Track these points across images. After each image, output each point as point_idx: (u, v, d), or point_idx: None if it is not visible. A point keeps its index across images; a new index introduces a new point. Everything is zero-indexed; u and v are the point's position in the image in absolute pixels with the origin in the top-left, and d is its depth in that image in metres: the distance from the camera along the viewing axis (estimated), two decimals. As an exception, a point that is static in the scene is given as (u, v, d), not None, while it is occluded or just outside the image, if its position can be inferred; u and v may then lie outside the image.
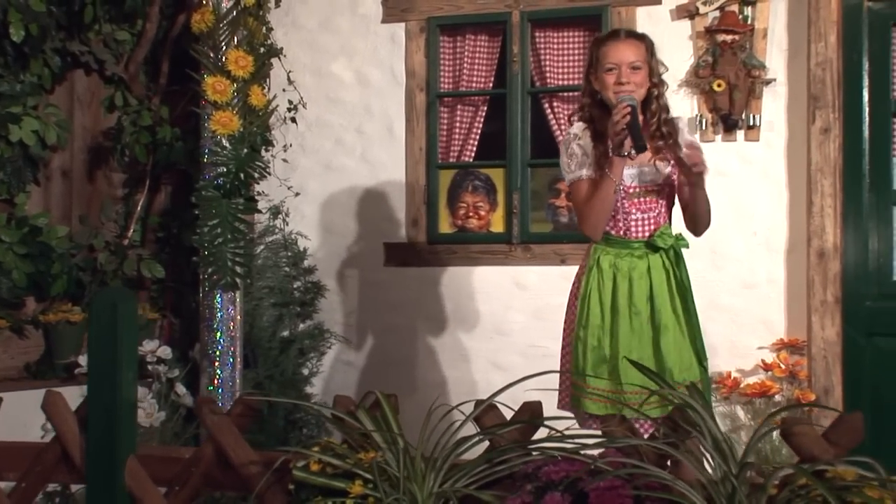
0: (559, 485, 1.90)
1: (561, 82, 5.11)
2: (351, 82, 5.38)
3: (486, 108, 5.24)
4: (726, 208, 4.80)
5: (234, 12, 4.39)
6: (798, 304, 4.67)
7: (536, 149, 5.09)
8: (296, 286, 5.28)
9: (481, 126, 5.25)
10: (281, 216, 5.23)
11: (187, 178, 4.87)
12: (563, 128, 5.00)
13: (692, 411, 1.92)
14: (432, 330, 5.22)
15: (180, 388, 4.54)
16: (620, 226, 3.47)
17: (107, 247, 4.75)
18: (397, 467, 1.99)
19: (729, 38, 4.73)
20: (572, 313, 3.50)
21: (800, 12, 4.67)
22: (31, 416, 2.94)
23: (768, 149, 4.75)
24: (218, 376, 4.43)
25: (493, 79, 5.24)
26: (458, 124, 5.27)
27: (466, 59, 5.24)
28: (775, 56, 4.74)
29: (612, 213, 3.46)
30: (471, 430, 2.11)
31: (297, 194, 5.27)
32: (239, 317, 4.50)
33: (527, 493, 1.91)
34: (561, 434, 2.00)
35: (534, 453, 2.06)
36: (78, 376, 4.19)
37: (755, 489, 1.85)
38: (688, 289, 3.48)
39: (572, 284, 3.58)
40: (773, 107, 4.74)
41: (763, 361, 4.63)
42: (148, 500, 2.28)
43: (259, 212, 4.80)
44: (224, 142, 4.36)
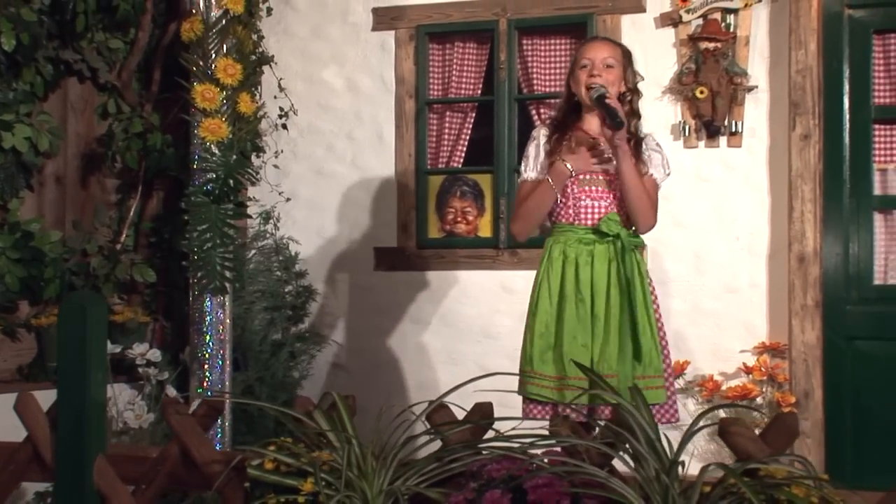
0: (500, 482, 1.97)
1: (547, 89, 5.18)
2: (342, 89, 5.47)
3: (474, 115, 5.32)
4: (709, 214, 4.89)
5: (223, 21, 4.43)
6: (780, 307, 4.73)
7: (523, 155, 5.15)
8: (287, 290, 5.36)
9: (470, 132, 5.33)
10: (272, 221, 5.31)
11: (179, 184, 4.95)
12: (550, 134, 5.11)
13: (626, 412, 1.99)
14: (421, 333, 5.30)
15: (170, 391, 4.62)
16: (570, 212, 3.56)
17: (100, 251, 4.84)
18: (348, 466, 2.06)
19: (711, 45, 4.80)
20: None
21: (781, 20, 4.73)
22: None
23: (750, 155, 4.82)
24: (207, 378, 4.49)
25: (481, 86, 5.32)
26: (446, 131, 5.35)
27: (455, 67, 5.32)
28: (757, 63, 4.80)
29: (563, 200, 3.54)
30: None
31: (289, 199, 5.35)
32: (228, 320, 4.56)
33: (470, 491, 1.99)
34: (502, 434, 2.06)
35: (484, 452, 2.14)
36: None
37: (689, 487, 1.92)
38: (634, 285, 3.49)
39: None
40: (755, 113, 4.80)
41: (745, 364, 4.70)
42: (116, 498, 2.36)
43: (249, 217, 4.88)
44: (213, 148, 4.41)
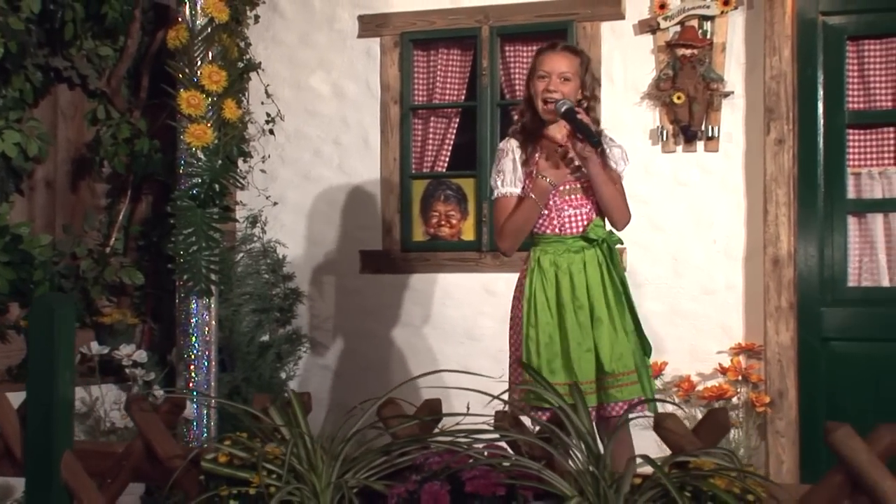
0: (440, 474, 2.06)
1: (529, 95, 5.27)
2: (328, 95, 5.56)
3: (458, 120, 5.42)
4: (687, 217, 4.97)
5: (209, 29, 4.53)
6: (755, 309, 4.81)
7: (505, 159, 5.25)
8: (275, 292, 5.46)
9: (453, 137, 5.42)
10: (259, 225, 5.41)
11: (167, 188, 5.04)
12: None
13: (561, 411, 2.08)
14: (406, 335, 5.39)
15: (157, 391, 4.71)
16: (555, 223, 3.66)
17: (89, 254, 4.93)
18: (298, 460, 2.15)
19: (688, 52, 4.88)
20: (517, 316, 3.67)
21: (757, 27, 4.81)
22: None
23: (727, 159, 4.90)
24: (193, 379, 4.59)
25: (464, 91, 5.41)
26: (431, 135, 5.44)
27: (439, 73, 5.41)
28: (733, 69, 4.88)
29: (546, 213, 3.64)
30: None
31: (276, 203, 5.45)
32: (214, 322, 4.66)
33: (412, 483, 2.08)
34: (440, 430, 2.15)
35: (432, 446, 2.23)
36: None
37: (619, 479, 2.01)
38: (624, 282, 3.65)
39: (515, 289, 3.76)
40: (732, 118, 4.88)
41: (721, 365, 4.78)
42: (83, 492, 2.45)
43: (235, 220, 4.98)
44: (199, 153, 4.50)
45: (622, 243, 3.82)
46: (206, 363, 4.62)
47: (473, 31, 5.29)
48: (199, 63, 4.51)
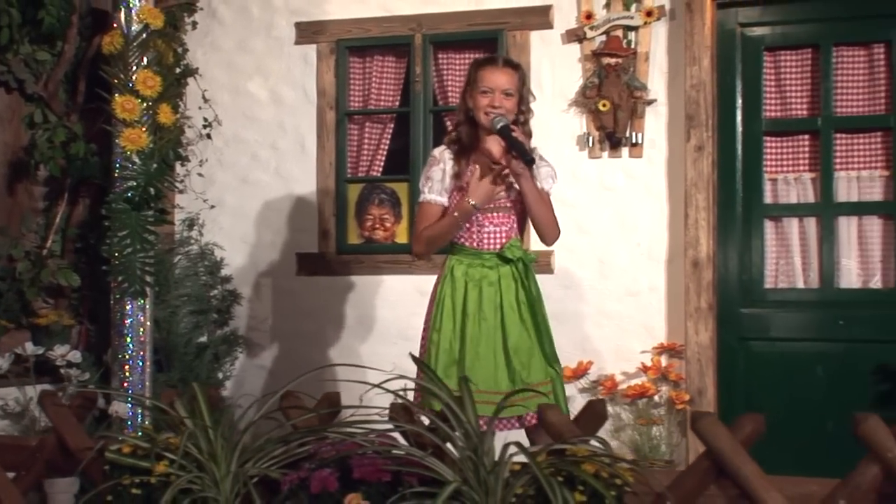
0: (331, 462, 2.19)
1: (461, 101, 5.41)
2: (266, 100, 5.67)
3: (392, 126, 5.54)
4: (612, 221, 5.12)
5: (144, 35, 4.60)
6: (677, 310, 4.97)
7: (438, 164, 5.38)
8: (213, 294, 5.56)
9: (388, 142, 5.54)
10: (197, 227, 5.50)
11: (104, 191, 5.12)
12: (464, 144, 5.34)
13: (448, 408, 2.21)
14: (341, 335, 5.50)
15: (110, 392, 4.78)
16: (474, 238, 3.77)
17: (26, 256, 5.00)
18: (199, 450, 2.27)
19: (613, 61, 5.04)
20: (429, 319, 3.80)
21: (678, 38, 4.97)
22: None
23: (650, 165, 5.05)
24: (127, 379, 4.67)
25: (399, 98, 5.54)
26: (366, 140, 5.56)
27: (374, 79, 5.54)
28: (656, 78, 5.04)
29: (468, 225, 3.76)
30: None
31: (213, 207, 5.55)
32: (149, 323, 4.73)
33: (305, 470, 2.20)
34: (330, 423, 2.27)
35: (331, 437, 2.35)
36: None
37: (497, 466, 2.14)
38: (536, 299, 3.77)
39: (431, 292, 3.88)
40: (655, 126, 5.04)
41: (643, 364, 4.93)
42: (-2, 482, 2.55)
43: (170, 223, 5.07)
44: (134, 157, 4.58)
45: (535, 260, 3.95)
46: (140, 363, 4.69)
47: (407, 39, 5.41)
48: (134, 68, 4.58)
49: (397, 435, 2.27)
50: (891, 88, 4.85)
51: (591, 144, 5.09)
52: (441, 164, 3.88)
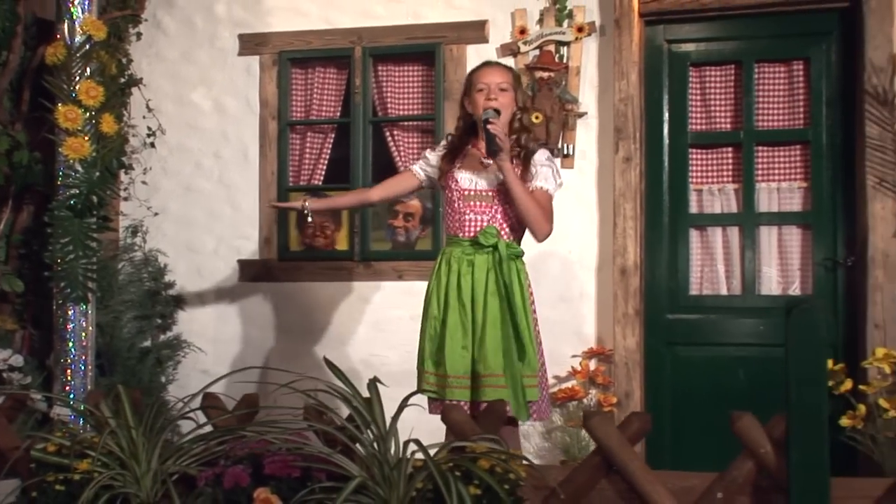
0: (245, 459, 2.33)
1: (400, 112, 5.57)
2: (209, 110, 5.79)
3: (333, 136, 5.68)
4: (545, 229, 5.28)
5: (87, 46, 4.70)
6: (606, 316, 5.15)
7: (377, 174, 5.52)
8: (156, 299, 5.66)
9: (329, 152, 5.68)
10: (140, 234, 5.62)
11: (48, 199, 5.21)
12: (403, 154, 5.51)
13: (362, 405, 2.36)
14: (282, 340, 5.63)
15: (35, 395, 4.88)
16: (457, 225, 3.96)
17: (-30, 262, 5.09)
18: (121, 449, 2.40)
19: (546, 74, 5.22)
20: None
21: (608, 53, 5.16)
22: None
23: (581, 176, 5.23)
24: (69, 383, 4.77)
25: (340, 108, 5.68)
26: (307, 150, 5.70)
27: (315, 90, 5.68)
28: (587, 92, 5.22)
29: (451, 214, 3.99)
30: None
31: (157, 214, 5.67)
32: (91, 327, 4.82)
33: (220, 467, 2.34)
34: (248, 423, 2.41)
35: (248, 435, 2.49)
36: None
37: (400, 462, 2.29)
38: (512, 291, 3.88)
39: None
40: (586, 137, 5.22)
41: (573, 368, 5.10)
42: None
43: (112, 230, 5.16)
44: (77, 165, 4.68)
45: (523, 255, 4.06)
46: (82, 367, 4.79)
47: (347, 52, 5.56)
48: (77, 79, 4.68)
49: (319, 434, 2.41)
50: (809, 104, 5.07)
51: (546, 150, 5.24)
52: (435, 153, 4.14)
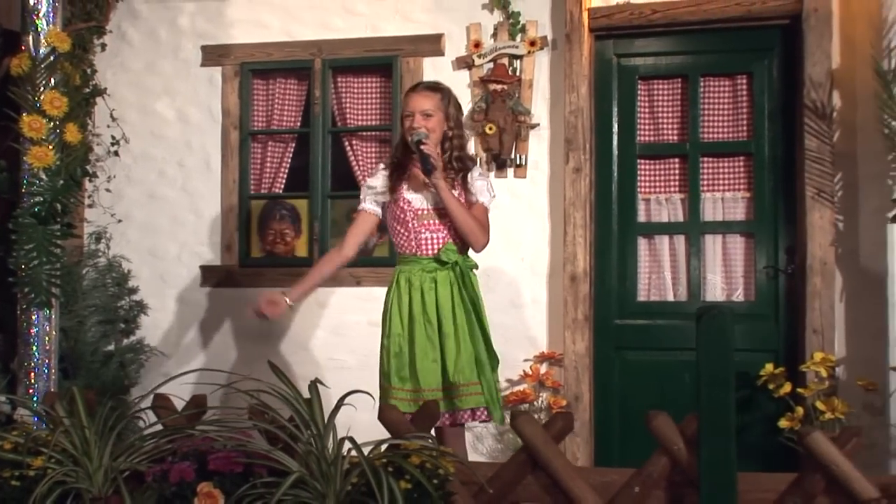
0: (190, 455, 2.47)
1: (359, 122, 5.74)
2: (173, 120, 5.93)
3: (293, 145, 5.83)
4: (498, 237, 5.40)
5: (51, 58, 4.82)
6: (557, 321, 5.31)
7: (336, 182, 5.68)
8: (120, 304, 5.79)
9: (289, 161, 5.83)
10: (104, 241, 5.74)
11: (13, 206, 5.33)
12: (361, 163, 5.66)
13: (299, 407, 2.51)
14: (243, 344, 5.77)
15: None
16: (413, 244, 4.09)
17: (-65, 268, 5.19)
18: (74, 446, 2.54)
19: (499, 87, 5.38)
20: (383, 327, 4.13)
21: (559, 66, 5.33)
22: None
23: (533, 185, 5.40)
24: (33, 386, 4.88)
25: (300, 118, 5.83)
26: (268, 159, 5.85)
27: (276, 101, 5.83)
28: (539, 104, 5.39)
29: (405, 234, 4.10)
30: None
31: (120, 221, 5.80)
32: (54, 332, 4.93)
33: (167, 463, 2.48)
34: (196, 422, 2.56)
35: (196, 434, 2.63)
36: None
37: (337, 459, 2.44)
38: (475, 303, 4.09)
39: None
40: (538, 148, 5.39)
41: (524, 372, 5.27)
42: None
43: (76, 237, 5.28)
44: (41, 174, 4.80)
45: (477, 268, 4.23)
46: (46, 371, 4.90)
47: (307, 63, 5.71)
48: (41, 89, 4.80)
49: (262, 432, 2.56)
50: (752, 117, 5.26)
51: (479, 165, 5.41)
52: (374, 177, 4.24)
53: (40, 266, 4.81)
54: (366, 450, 2.48)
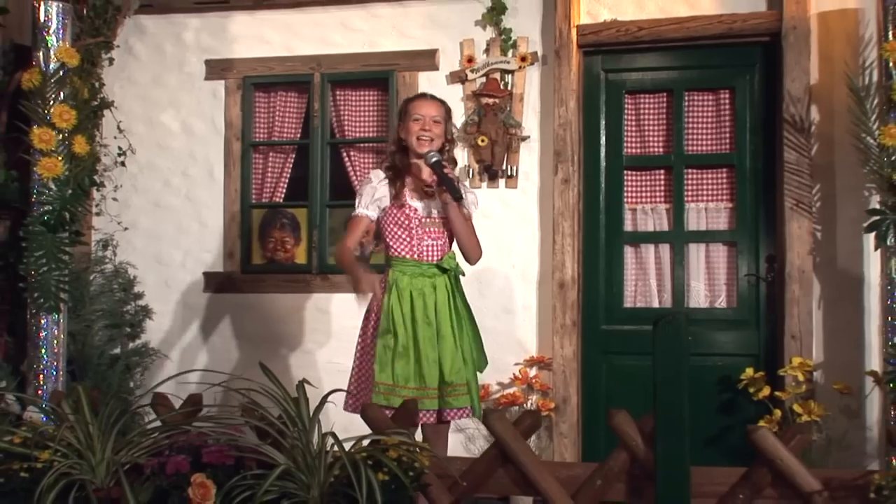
0: (185, 450, 2.68)
1: (356, 134, 5.95)
2: (178, 131, 6.16)
3: (293, 156, 6.05)
4: (490, 245, 5.58)
5: (61, 73, 5.02)
6: (546, 326, 5.51)
7: (334, 192, 5.90)
8: (126, 309, 6.00)
9: (289, 171, 6.04)
10: (111, 248, 5.96)
11: (24, 214, 5.54)
12: (359, 174, 5.86)
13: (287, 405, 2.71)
14: (245, 348, 5.98)
15: (9, 398, 5.20)
16: (415, 250, 4.26)
17: (-51, 274, 5.42)
18: (78, 441, 2.74)
19: (491, 101, 5.59)
20: (367, 328, 4.27)
21: (549, 81, 5.53)
22: None
23: (524, 195, 5.60)
24: (41, 387, 5.09)
25: (300, 130, 6.04)
26: (269, 169, 6.07)
27: (277, 113, 6.05)
28: (530, 117, 5.60)
29: (408, 239, 4.26)
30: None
31: (126, 229, 6.02)
32: (63, 335, 5.14)
33: (164, 457, 2.69)
34: (192, 419, 2.76)
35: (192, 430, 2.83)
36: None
37: (321, 453, 2.64)
38: (467, 306, 4.31)
39: (370, 304, 4.30)
40: (529, 160, 5.59)
41: (514, 376, 5.46)
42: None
43: (84, 244, 5.50)
44: (50, 184, 5.00)
45: (464, 275, 4.43)
46: (54, 373, 5.10)
47: (307, 77, 5.93)
48: (51, 103, 5.00)
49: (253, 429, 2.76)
50: (734, 130, 5.45)
51: (471, 176, 5.62)
52: (374, 184, 4.36)
53: (49, 272, 5.02)
54: (348, 445, 2.68)
